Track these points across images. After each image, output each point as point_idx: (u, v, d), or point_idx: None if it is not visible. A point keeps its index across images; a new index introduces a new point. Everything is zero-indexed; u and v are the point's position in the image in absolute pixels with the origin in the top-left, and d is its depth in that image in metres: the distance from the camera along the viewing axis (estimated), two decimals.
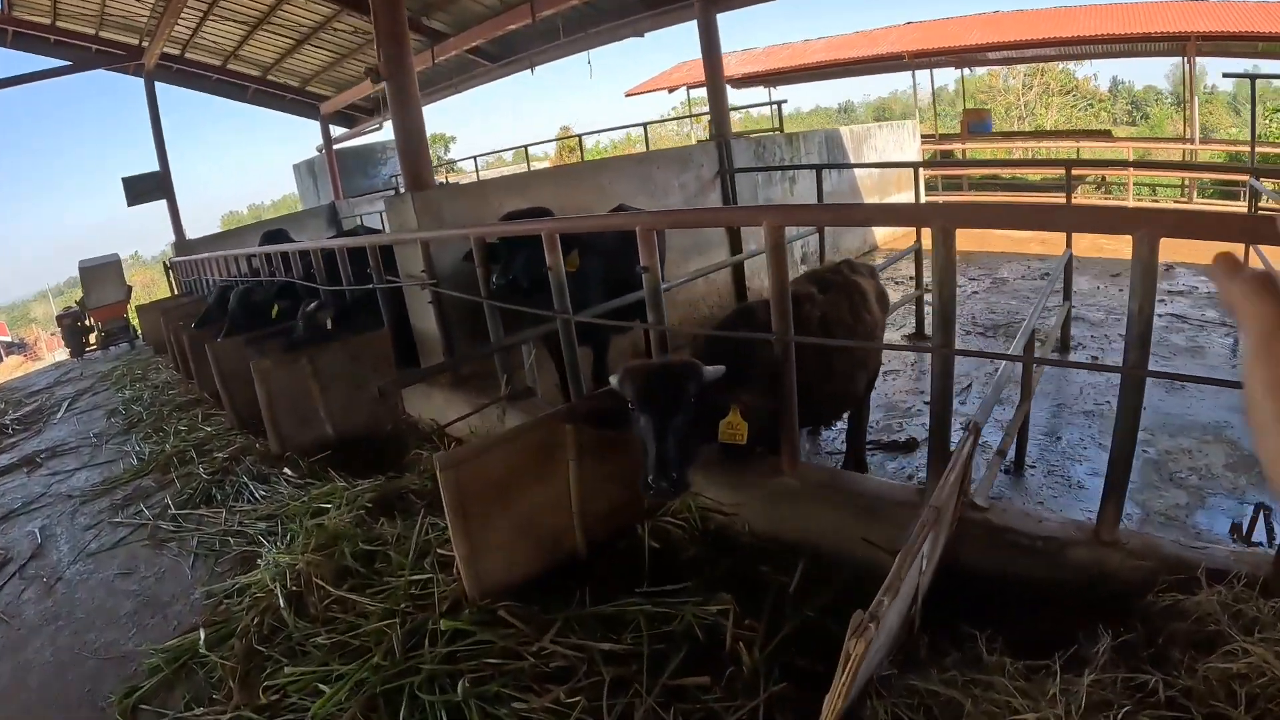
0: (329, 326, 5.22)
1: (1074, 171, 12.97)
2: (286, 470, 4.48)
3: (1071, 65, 29.35)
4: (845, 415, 4.10)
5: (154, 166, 12.54)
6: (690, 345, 3.70)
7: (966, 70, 16.33)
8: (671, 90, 18.58)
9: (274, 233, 9.65)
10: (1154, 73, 41.67)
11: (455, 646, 2.39)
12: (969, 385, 5.71)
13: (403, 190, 5.22)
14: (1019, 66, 26.39)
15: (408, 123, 5.10)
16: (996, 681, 1.97)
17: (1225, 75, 11.78)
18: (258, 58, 13.42)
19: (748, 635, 2.38)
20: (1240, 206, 11.98)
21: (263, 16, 11.38)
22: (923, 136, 13.61)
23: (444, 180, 15.83)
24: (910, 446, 4.86)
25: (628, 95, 19.58)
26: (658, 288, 3.36)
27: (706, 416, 2.63)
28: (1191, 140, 13.38)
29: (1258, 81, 12.64)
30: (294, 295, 6.46)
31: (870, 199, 11.33)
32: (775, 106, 9.63)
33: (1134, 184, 12.65)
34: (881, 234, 11.24)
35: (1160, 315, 7.18)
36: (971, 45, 14.28)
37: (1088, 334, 6.63)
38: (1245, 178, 9.36)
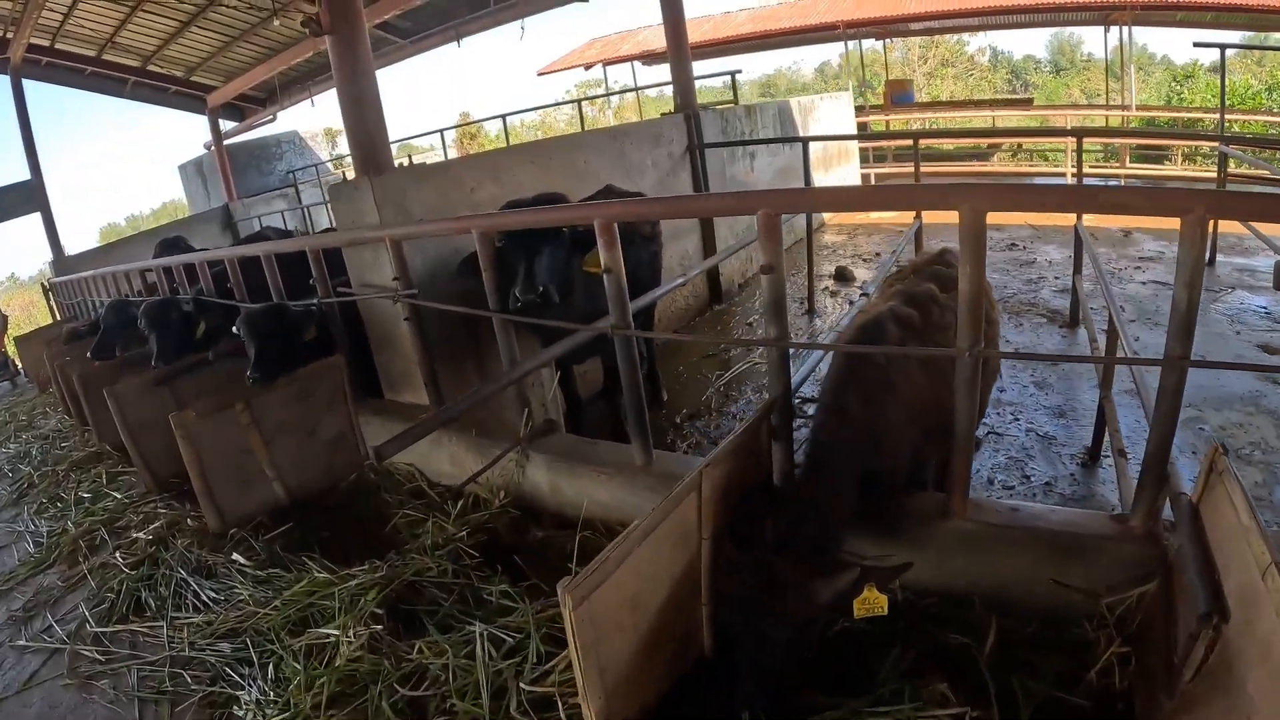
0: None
1: (1053, 141, 12.86)
2: (237, 557, 3.40)
3: (966, 37, 30.06)
4: None
5: (24, 175, 10.94)
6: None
7: (855, 43, 15.88)
8: (588, 68, 17.57)
9: (171, 241, 8.18)
10: (1032, 43, 43.12)
11: None
12: None
13: (350, 177, 4.15)
14: (912, 40, 26.53)
15: (358, 88, 4.01)
16: None
17: (1196, 44, 11.76)
18: (138, 45, 11.68)
19: None
20: (1171, 170, 12.29)
21: None
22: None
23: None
24: None
25: (540, 74, 18.47)
26: (783, 293, 2.52)
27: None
28: (1128, 107, 13.47)
29: (1130, 45, 12.96)
30: (211, 311, 5.30)
31: (816, 172, 11.00)
32: (730, 77, 8.85)
33: (1067, 150, 12.56)
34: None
35: (1144, 283, 6.95)
36: (907, 15, 13.90)
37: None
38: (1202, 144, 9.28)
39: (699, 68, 16.86)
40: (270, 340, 4.00)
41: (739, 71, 8.95)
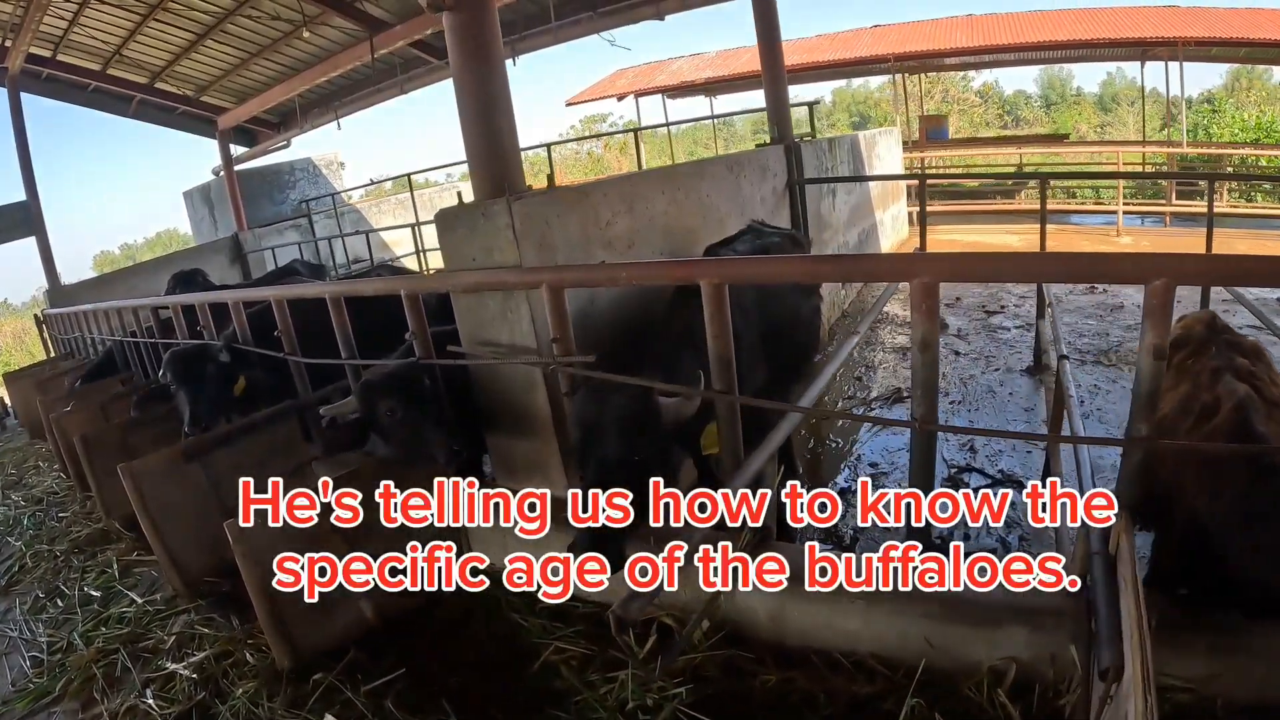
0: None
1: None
2: None
3: (971, 73, 30.00)
4: None
5: (19, 196, 10.02)
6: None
7: (846, 81, 15.53)
8: (620, 98, 16.85)
9: (187, 275, 7.22)
10: (1022, 78, 43.28)
11: None
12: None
13: (472, 199, 3.14)
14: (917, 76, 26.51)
15: (484, 81, 3.09)
16: None
17: None
18: (147, 59, 10.76)
19: None
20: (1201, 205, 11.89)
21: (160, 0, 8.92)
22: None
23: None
24: None
25: (569, 104, 17.75)
26: (1161, 380, 1.96)
27: None
28: (1179, 144, 13.00)
29: (1180, 81, 12.57)
30: (247, 362, 4.44)
31: (876, 210, 10.53)
32: (808, 108, 8.08)
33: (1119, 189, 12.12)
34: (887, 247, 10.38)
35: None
36: (952, 49, 13.38)
37: None
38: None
39: (740, 100, 16.32)
40: (431, 407, 3.08)
41: (817, 102, 8.21)
